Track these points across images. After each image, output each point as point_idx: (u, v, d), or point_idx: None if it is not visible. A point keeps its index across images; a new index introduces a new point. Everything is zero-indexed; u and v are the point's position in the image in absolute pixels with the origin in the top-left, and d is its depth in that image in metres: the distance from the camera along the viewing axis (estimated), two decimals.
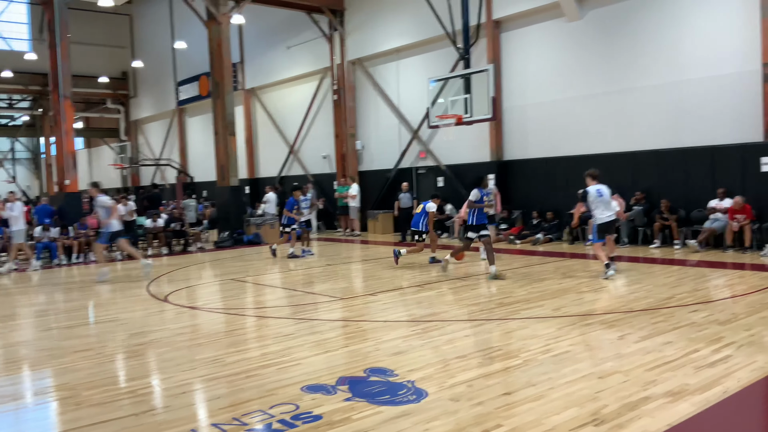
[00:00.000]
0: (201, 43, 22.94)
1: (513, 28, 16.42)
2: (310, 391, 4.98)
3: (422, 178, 19.34)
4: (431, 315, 7.67)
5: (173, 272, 13.01)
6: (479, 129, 16.60)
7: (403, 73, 19.43)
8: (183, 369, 5.82)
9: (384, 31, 19.57)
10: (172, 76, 28.93)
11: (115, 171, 33.94)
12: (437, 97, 14.79)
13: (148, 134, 34.03)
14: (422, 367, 5.51)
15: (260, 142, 25.84)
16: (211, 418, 4.52)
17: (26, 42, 31.04)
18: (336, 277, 11.40)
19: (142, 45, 32.73)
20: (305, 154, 23.42)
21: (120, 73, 33.73)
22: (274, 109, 24.80)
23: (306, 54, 22.35)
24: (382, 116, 20.35)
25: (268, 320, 8.01)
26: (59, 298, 10.67)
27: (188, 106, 29.48)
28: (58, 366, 6.18)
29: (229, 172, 18.49)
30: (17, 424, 4.82)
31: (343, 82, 20.92)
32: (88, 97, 33.96)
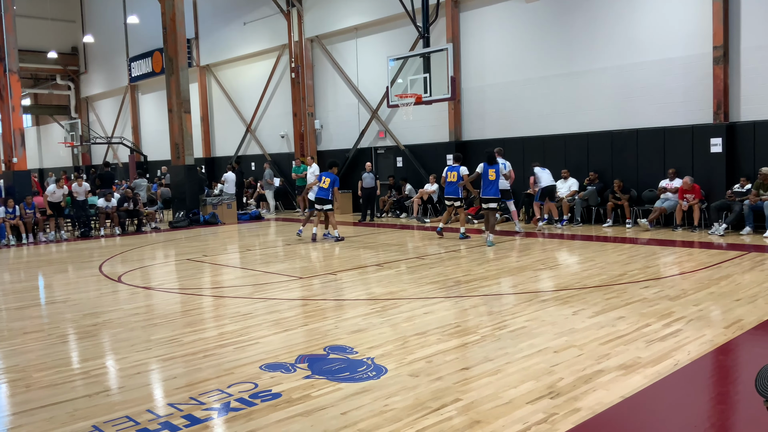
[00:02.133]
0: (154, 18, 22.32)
1: (472, 7, 16.42)
2: (269, 369, 4.95)
3: (381, 158, 19.30)
4: (390, 293, 7.69)
5: (126, 252, 12.73)
6: (438, 109, 16.62)
7: (362, 52, 19.26)
8: (138, 349, 5.71)
9: (343, 9, 19.33)
10: (125, 51, 28.13)
11: (66, 149, 32.85)
12: (396, 76, 14.72)
13: (99, 111, 33.03)
14: (382, 344, 5.53)
15: (216, 120, 25.35)
16: (167, 398, 4.45)
17: None
18: (294, 257, 11.32)
19: (93, 19, 31.61)
20: (263, 133, 23.09)
21: (70, 48, 32.58)
22: (230, 86, 24.33)
23: (263, 30, 21.94)
24: (340, 95, 20.18)
25: (225, 300, 7.92)
26: (7, 278, 10.32)
27: (141, 83, 28.71)
28: (8, 348, 5.99)
29: (184, 150, 18.10)
30: None
31: (301, 59, 20.64)
32: (36, 73, 32.78)
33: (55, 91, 34.40)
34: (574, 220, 14.04)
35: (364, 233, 14.44)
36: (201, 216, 18.05)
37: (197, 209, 18.17)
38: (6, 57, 16.39)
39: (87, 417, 4.14)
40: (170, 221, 18.09)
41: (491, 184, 11.70)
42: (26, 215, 15.29)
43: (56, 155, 36.04)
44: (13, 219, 15.05)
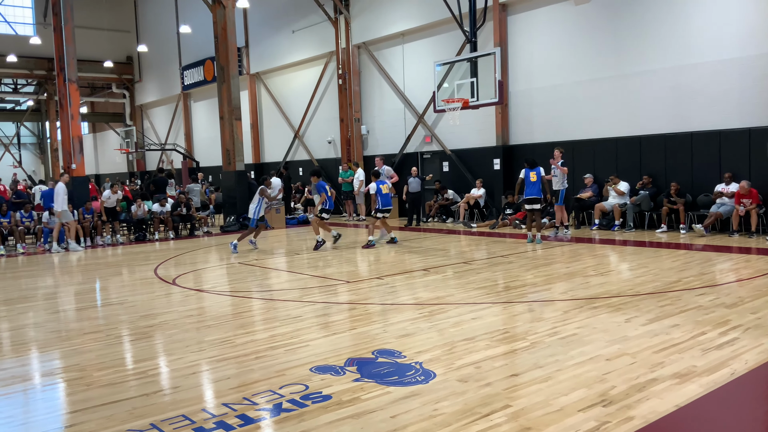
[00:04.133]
0: (206, 27, 22.89)
1: (520, 11, 16.30)
2: (319, 371, 5.02)
3: (427, 163, 19.31)
4: (438, 298, 7.69)
5: (180, 256, 13.07)
6: (485, 113, 16.54)
7: (409, 57, 19.33)
8: (192, 350, 5.87)
9: (389, 15, 19.45)
10: (177, 60, 28.91)
11: (121, 156, 33.97)
12: (443, 81, 14.72)
13: (153, 119, 34.02)
14: (429, 349, 5.54)
15: (265, 126, 25.80)
16: (221, 398, 4.56)
17: (30, 26, 30.97)
18: (341, 261, 11.43)
19: (146, 29, 32.63)
20: (310, 138, 23.38)
21: (125, 57, 33.68)
22: (279, 93, 24.74)
23: (311, 38, 22.25)
24: (387, 101, 20.29)
25: (275, 303, 8.05)
26: (67, 280, 10.73)
27: (193, 91, 29.45)
28: (69, 347, 6.24)
29: (234, 156, 18.49)
30: (28, 404, 4.87)
31: (348, 66, 20.84)
32: (93, 82, 33.98)
33: (111, 99, 35.61)
34: (626, 225, 13.75)
35: (411, 238, 14.47)
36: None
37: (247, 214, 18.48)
38: (66, 67, 17.05)
39: (145, 415, 4.28)
40: (221, 225, 18.49)
41: (533, 186, 12.26)
42: (84, 220, 15.86)
43: (112, 161, 37.27)
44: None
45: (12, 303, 8.77)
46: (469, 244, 12.90)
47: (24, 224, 15.49)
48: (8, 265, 12.94)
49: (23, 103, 39.81)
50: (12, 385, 5.24)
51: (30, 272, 11.91)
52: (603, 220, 14.23)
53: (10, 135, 39.05)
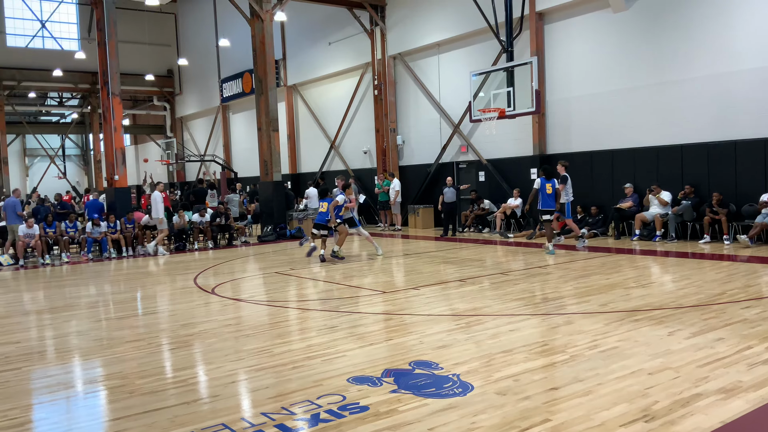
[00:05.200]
0: (244, 41, 23.29)
1: (557, 19, 16.18)
2: (356, 382, 5.02)
3: (463, 173, 19.24)
4: (474, 309, 7.64)
5: (219, 265, 13.26)
6: (522, 122, 16.43)
7: (444, 67, 19.34)
8: (231, 359, 5.94)
9: (425, 26, 19.52)
10: (216, 73, 29.46)
11: (162, 167, 34.70)
12: (479, 90, 14.69)
13: (193, 130, 34.69)
14: (467, 360, 5.50)
15: (302, 137, 26.07)
16: (260, 408, 4.60)
17: (75, 41, 31.94)
18: (377, 271, 11.45)
19: (187, 43, 33.35)
20: (346, 149, 23.54)
21: (166, 70, 34.46)
22: (315, 104, 24.99)
23: (347, 50, 22.45)
24: (422, 111, 20.31)
25: (311, 313, 8.10)
26: (108, 290, 10.98)
27: (232, 103, 29.95)
28: (111, 356, 6.37)
29: (272, 167, 18.72)
30: (72, 410, 4.99)
31: (383, 77, 20.95)
32: (135, 95, 34.82)
33: (152, 111, 36.46)
34: (668, 236, 13.47)
35: (446, 248, 14.41)
36: (288, 230, 18.56)
37: (284, 224, 18.70)
38: (109, 81, 17.54)
39: (186, 423, 4.34)
40: (259, 235, 18.71)
41: (549, 197, 12.39)
42: (126, 230, 16.24)
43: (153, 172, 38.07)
44: (114, 233, 16.02)
45: (57, 311, 9.01)
46: (506, 255, 12.80)
47: (69, 234, 15.92)
48: (53, 274, 13.31)
49: (68, 116, 41.02)
50: (58, 392, 5.38)
51: (74, 281, 12.23)
52: (644, 231, 13.96)
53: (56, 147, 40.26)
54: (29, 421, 4.68)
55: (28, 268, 14.41)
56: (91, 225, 15.96)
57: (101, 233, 15.86)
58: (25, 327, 8.16)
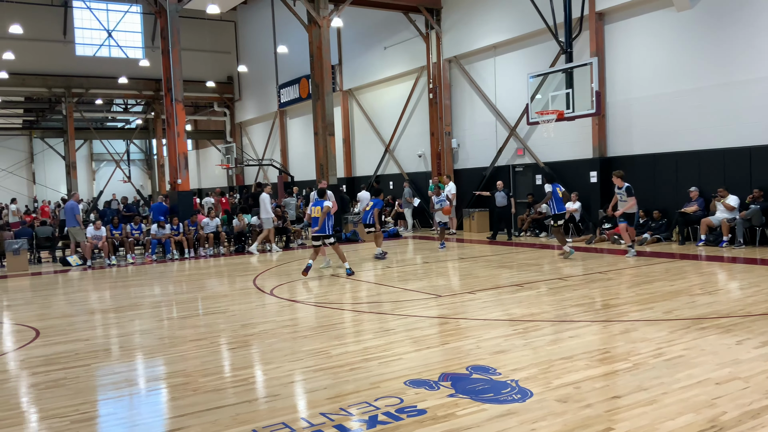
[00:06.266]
0: (301, 47, 23.67)
1: (617, 19, 15.81)
2: (414, 385, 5.02)
3: (520, 176, 19.00)
4: (532, 315, 7.53)
5: (276, 267, 13.49)
6: (581, 125, 16.11)
7: (501, 70, 19.16)
8: (289, 360, 6.03)
9: (481, 28, 19.39)
10: (274, 79, 30.02)
11: (221, 171, 35.56)
12: (536, 92, 14.49)
13: (251, 135, 35.43)
14: (525, 366, 5.43)
15: (357, 141, 26.27)
16: (318, 408, 4.65)
17: (140, 50, 33.10)
18: (433, 275, 11.42)
19: (246, 50, 34.11)
20: (401, 152, 23.59)
21: (226, 77, 35.33)
22: (370, 108, 25.15)
23: (402, 53, 22.51)
24: (478, 114, 20.17)
25: (367, 315, 8.14)
26: (172, 290, 11.30)
27: (289, 108, 30.45)
28: (175, 354, 6.57)
29: (328, 171, 18.92)
30: (138, 406, 5.17)
31: (439, 80, 20.91)
32: (196, 101, 35.83)
33: (212, 117, 37.43)
34: (735, 241, 12.95)
35: (502, 252, 14.25)
36: (343, 233, 18.72)
37: (339, 227, 18.87)
38: (173, 88, 18.10)
39: (247, 421, 4.43)
40: None
41: (561, 201, 12.68)
42: (189, 232, 16.70)
43: (213, 176, 39.12)
44: (177, 235, 16.50)
45: (122, 311, 9.34)
46: (564, 260, 12.55)
47: (133, 236, 16.50)
48: (119, 275, 13.81)
49: (132, 122, 42.54)
50: (124, 388, 5.58)
51: (139, 281, 12.66)
52: (710, 236, 13.47)
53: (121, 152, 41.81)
54: (99, 416, 4.87)
55: (95, 268, 14.99)
56: (156, 227, 16.49)
57: (165, 235, 16.37)
58: (93, 325, 8.50)
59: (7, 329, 8.53)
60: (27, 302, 10.67)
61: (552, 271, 11.10)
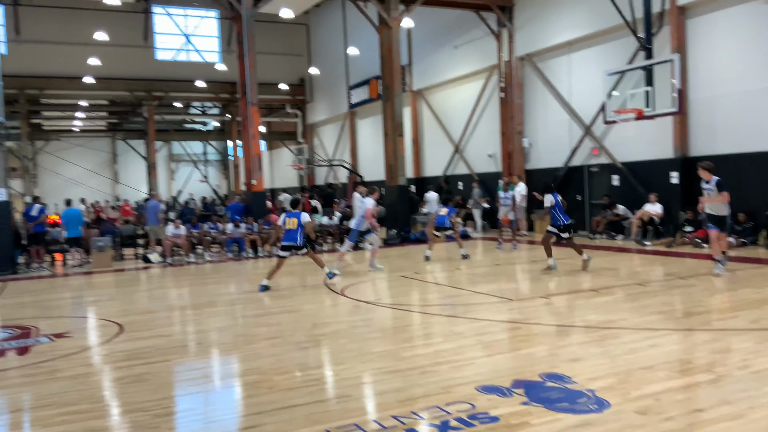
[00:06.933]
0: (372, 48, 23.81)
1: (700, 13, 15.11)
2: (486, 391, 4.96)
3: (595, 177, 18.47)
4: (609, 322, 7.30)
5: (346, 267, 13.62)
6: (660, 123, 15.47)
7: (575, 67, 18.68)
8: (361, 360, 6.08)
9: (555, 25, 18.97)
10: (345, 80, 30.35)
11: (293, 171, 36.27)
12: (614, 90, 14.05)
13: (322, 136, 35.96)
14: (603, 376, 5.26)
15: (426, 141, 26.22)
16: (389, 411, 4.66)
17: (216, 54, 34.17)
18: (503, 277, 11.25)
19: (317, 53, 34.65)
20: (470, 152, 23.38)
21: (298, 79, 35.99)
22: (439, 108, 25.05)
23: (473, 52, 22.30)
24: (551, 112, 19.74)
25: (438, 318, 8.11)
26: (247, 287, 11.55)
27: (359, 109, 30.71)
28: (251, 351, 6.74)
29: (397, 171, 18.98)
30: (215, 402, 5.34)
31: (510, 79, 20.60)
32: (269, 103, 36.65)
33: (285, 119, 38.21)
34: None
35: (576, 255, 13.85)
36: (411, 234, 18.73)
37: (408, 227, 18.90)
38: (248, 91, 18.59)
39: (321, 421, 4.49)
40: (384, 238, 19.01)
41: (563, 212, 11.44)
42: (263, 231, 17.12)
43: (285, 176, 39.94)
44: (251, 234, 16.94)
45: (200, 308, 9.67)
46: (643, 264, 12.12)
47: (211, 234, 17.05)
48: (197, 272, 14.30)
49: (209, 124, 44.01)
50: (203, 384, 5.77)
51: (215, 279, 13.08)
52: None
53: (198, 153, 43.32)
54: (179, 411, 5.05)
55: (174, 265, 15.58)
56: (232, 226, 16.98)
57: (240, 234, 16.84)
58: (173, 321, 8.84)
59: (92, 324, 8.99)
60: (111, 298, 11.21)
61: (630, 276, 10.74)
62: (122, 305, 10.18)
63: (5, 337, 7.96)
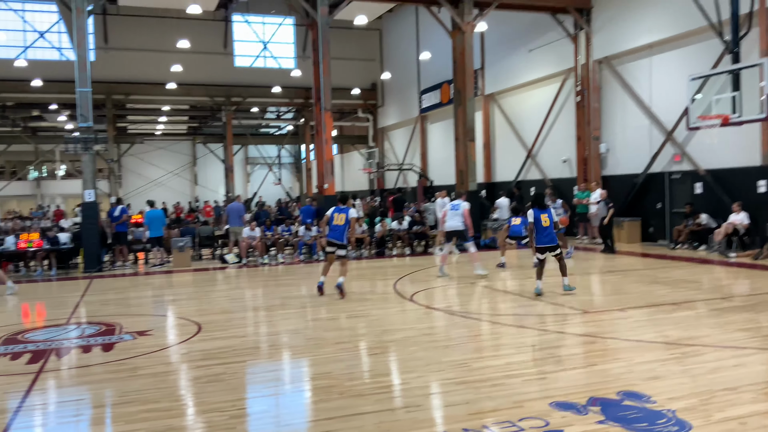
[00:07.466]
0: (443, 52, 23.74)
1: None
2: (560, 408, 4.84)
3: (677, 184, 17.73)
4: (691, 338, 6.98)
5: (415, 273, 13.62)
6: (747, 129, 14.67)
7: (656, 71, 18.01)
8: (432, 370, 6.05)
9: (635, 27, 18.35)
10: (416, 85, 30.40)
11: (364, 175, 36.59)
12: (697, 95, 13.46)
13: (392, 140, 36.13)
14: (684, 396, 5.05)
15: (497, 146, 25.89)
16: (460, 423, 4.62)
17: (292, 60, 34.91)
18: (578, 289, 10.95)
19: (390, 57, 34.85)
20: (543, 158, 22.92)
21: (370, 84, 36.30)
22: (512, 113, 24.68)
23: (548, 56, 21.88)
24: (630, 117, 19.10)
25: (509, 328, 7.98)
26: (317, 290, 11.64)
27: (430, 113, 30.68)
28: (322, 355, 6.83)
29: (468, 176, 18.83)
30: (288, 406, 5.43)
31: (587, 82, 20.07)
32: (342, 108, 37.14)
33: (356, 123, 38.62)
34: None
35: (655, 266, 13.37)
36: (482, 240, 18.52)
37: (479, 233, 18.69)
38: (322, 97, 18.88)
39: (390, 431, 4.50)
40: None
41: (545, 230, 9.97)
42: None
43: (355, 180, 40.33)
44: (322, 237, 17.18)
45: (273, 309, 9.88)
46: (727, 277, 11.55)
47: (284, 237, 17.42)
48: (270, 273, 14.64)
49: (284, 128, 45.01)
50: (276, 386, 5.90)
51: (288, 281, 13.34)
52: None
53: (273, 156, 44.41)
54: (252, 413, 5.18)
55: (249, 266, 16.00)
56: (304, 229, 17.29)
57: (312, 237, 17.12)
58: (247, 322, 9.07)
59: (171, 322, 9.35)
60: (189, 297, 11.63)
61: (713, 289, 10.25)
62: (200, 305, 10.53)
63: (92, 333, 8.39)
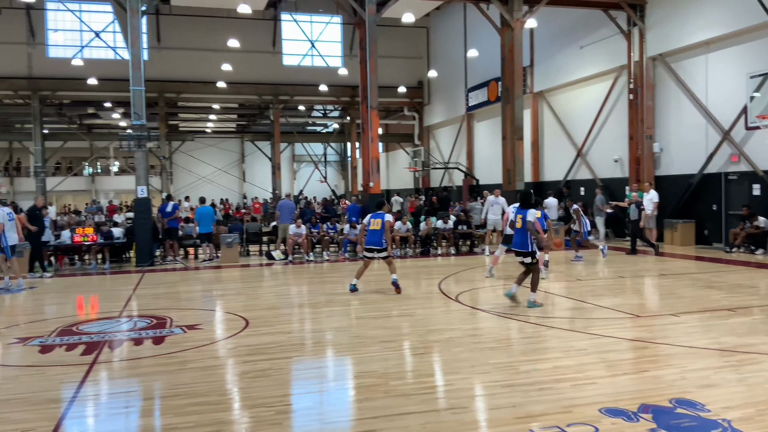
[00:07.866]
0: (491, 49, 23.54)
1: None
2: (610, 414, 4.73)
3: (734, 185, 17.13)
4: (748, 345, 6.73)
5: (460, 273, 13.53)
6: None
7: (713, 68, 17.42)
8: (477, 371, 5.99)
9: (691, 23, 17.80)
10: (463, 82, 30.20)
11: (409, 173, 36.55)
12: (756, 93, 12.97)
13: (438, 138, 35.98)
14: (740, 405, 4.87)
15: (546, 145, 25.49)
16: (506, 427, 4.56)
17: (338, 58, 35.11)
18: (628, 292, 10.69)
19: (436, 55, 34.71)
20: (594, 157, 22.46)
21: (416, 82, 36.24)
22: (562, 111, 24.26)
23: (600, 53, 21.42)
24: (684, 116, 18.54)
25: (557, 331, 7.84)
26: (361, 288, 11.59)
27: (476, 111, 30.43)
28: (368, 354, 6.83)
29: (515, 175, 18.61)
30: (334, 403, 5.46)
31: (641, 80, 19.57)
32: (387, 105, 37.19)
33: (402, 121, 38.60)
34: None
35: (710, 270, 12.95)
36: None
37: None
38: (368, 95, 18.94)
39: None
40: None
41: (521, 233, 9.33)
42: None
43: (400, 178, 40.35)
44: None
45: (318, 306, 9.95)
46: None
47: (329, 234, 17.53)
48: (315, 271, 14.76)
49: (330, 126, 45.33)
50: (322, 383, 5.93)
51: (333, 278, 13.41)
52: None
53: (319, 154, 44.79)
54: (298, 410, 5.22)
55: (295, 263, 16.17)
56: (349, 227, 17.37)
57: (356, 235, 17.17)
58: (293, 319, 9.15)
59: (219, 317, 9.51)
60: (237, 293, 11.81)
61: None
62: (247, 300, 10.69)
63: (143, 326, 8.61)
